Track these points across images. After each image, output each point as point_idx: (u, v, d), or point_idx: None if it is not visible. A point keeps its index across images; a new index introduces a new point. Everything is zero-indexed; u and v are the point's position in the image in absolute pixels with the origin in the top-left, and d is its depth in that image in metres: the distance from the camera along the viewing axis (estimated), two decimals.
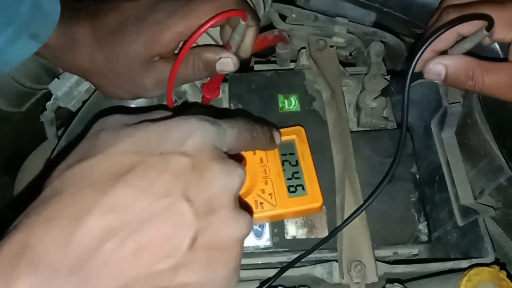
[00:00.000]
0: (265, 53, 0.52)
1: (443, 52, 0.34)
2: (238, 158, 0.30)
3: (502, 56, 0.37)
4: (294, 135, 0.38)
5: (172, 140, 0.23)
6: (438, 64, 0.32)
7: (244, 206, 0.25)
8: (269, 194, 0.35)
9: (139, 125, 0.24)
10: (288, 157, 0.37)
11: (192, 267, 0.21)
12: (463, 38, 0.33)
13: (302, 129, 0.38)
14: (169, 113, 0.27)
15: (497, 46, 0.37)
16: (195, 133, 0.23)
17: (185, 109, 0.30)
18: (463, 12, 0.32)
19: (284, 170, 0.36)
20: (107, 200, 0.20)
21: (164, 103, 0.42)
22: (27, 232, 0.20)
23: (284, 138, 0.37)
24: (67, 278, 0.19)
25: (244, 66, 0.46)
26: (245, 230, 0.24)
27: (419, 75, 0.35)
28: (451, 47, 0.33)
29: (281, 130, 0.38)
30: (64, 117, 0.47)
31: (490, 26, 0.30)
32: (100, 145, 0.23)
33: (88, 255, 0.19)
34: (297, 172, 0.36)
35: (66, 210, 0.20)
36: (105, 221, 0.20)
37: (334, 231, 0.35)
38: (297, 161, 0.37)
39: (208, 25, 0.32)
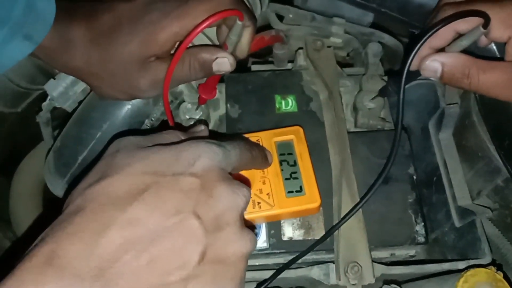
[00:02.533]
0: (262, 54, 0.52)
1: (441, 50, 0.34)
2: (244, 180, 0.32)
3: (498, 56, 0.37)
4: (292, 135, 0.37)
5: (183, 162, 0.25)
6: (434, 62, 0.33)
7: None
8: (267, 194, 0.35)
9: (152, 148, 0.26)
10: (286, 157, 0.37)
11: (201, 280, 0.23)
12: (460, 35, 0.33)
13: (301, 129, 0.38)
14: (180, 136, 0.29)
15: (494, 47, 0.37)
16: (203, 155, 0.26)
17: (195, 129, 0.33)
18: (460, 9, 0.32)
19: (282, 170, 0.36)
20: (125, 216, 0.22)
21: (161, 103, 0.42)
22: (54, 244, 0.21)
23: (282, 138, 0.37)
24: (90, 286, 0.21)
25: (241, 66, 0.46)
26: (250, 247, 0.25)
27: (417, 74, 0.35)
28: (448, 45, 0.33)
29: (280, 130, 0.38)
30: (60, 117, 0.46)
31: (486, 23, 0.30)
32: (117, 165, 0.25)
33: (108, 265, 0.21)
34: (295, 172, 0.36)
35: (88, 224, 0.22)
36: (123, 235, 0.22)
37: (329, 231, 0.35)
38: (295, 161, 0.36)
39: (204, 25, 0.32)
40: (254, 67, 0.47)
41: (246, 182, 0.29)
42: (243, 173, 0.34)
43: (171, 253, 0.23)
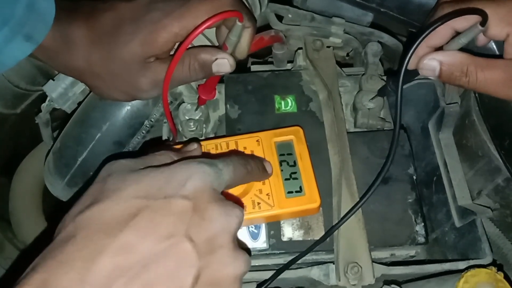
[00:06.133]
0: (262, 54, 0.52)
1: (439, 49, 0.34)
2: (235, 200, 0.32)
3: (497, 53, 0.37)
4: (292, 136, 0.37)
5: (174, 184, 0.25)
6: (432, 60, 0.32)
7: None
8: (267, 194, 0.35)
9: (143, 170, 0.26)
10: (286, 157, 0.37)
11: None
12: (458, 34, 0.33)
13: (301, 130, 0.38)
14: (172, 157, 0.29)
15: (494, 46, 0.37)
16: (194, 176, 0.25)
17: (187, 148, 0.33)
18: (458, 7, 0.32)
19: (282, 171, 0.36)
20: (117, 242, 0.22)
21: (160, 104, 0.42)
22: (45, 273, 0.21)
23: (282, 138, 0.37)
24: None
25: (241, 66, 0.46)
26: (243, 268, 0.25)
27: (415, 73, 0.35)
28: (446, 43, 0.33)
29: (279, 130, 0.38)
30: (60, 118, 0.46)
31: (484, 21, 0.30)
32: (109, 190, 0.25)
33: None
34: (295, 173, 0.36)
35: (79, 252, 0.22)
36: (115, 262, 0.22)
37: (328, 231, 0.35)
38: (295, 162, 0.36)
39: (204, 26, 0.32)
40: (254, 68, 0.47)
41: (238, 202, 0.29)
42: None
43: (164, 278, 0.22)
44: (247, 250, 0.27)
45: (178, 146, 0.34)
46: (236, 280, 0.25)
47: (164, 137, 0.41)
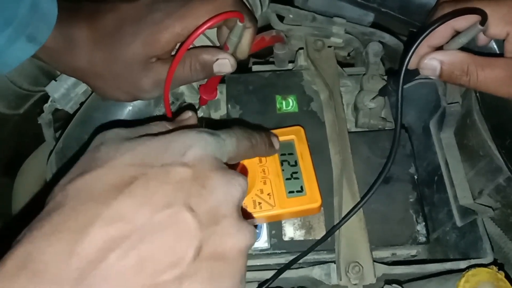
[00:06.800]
0: (263, 54, 0.52)
1: (439, 48, 0.34)
2: (241, 169, 0.31)
3: (498, 52, 0.37)
4: (293, 135, 0.38)
5: (173, 152, 0.23)
6: (433, 60, 0.33)
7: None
8: (268, 194, 0.35)
9: (139, 138, 0.24)
10: (287, 157, 0.37)
11: (197, 278, 0.21)
12: (458, 33, 0.33)
13: (302, 129, 0.38)
14: (167, 127, 0.27)
15: (494, 45, 0.37)
16: (195, 144, 0.24)
17: (182, 117, 0.31)
18: (457, 7, 0.32)
19: (283, 170, 0.36)
20: (110, 211, 0.20)
21: (162, 105, 0.42)
22: (30, 245, 0.19)
23: (283, 138, 0.37)
24: None
25: (242, 67, 0.46)
26: (249, 240, 0.23)
27: (416, 73, 0.35)
28: (446, 43, 0.33)
29: (281, 130, 0.38)
30: (62, 119, 0.47)
31: (484, 20, 0.30)
32: (101, 159, 0.23)
33: (91, 267, 0.19)
34: (296, 173, 0.36)
35: (68, 223, 0.20)
36: (108, 232, 0.20)
37: (330, 231, 0.35)
38: (296, 161, 0.36)
39: (205, 26, 0.32)
40: (255, 68, 0.47)
41: (243, 171, 0.27)
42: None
43: (162, 250, 0.20)
44: (252, 223, 0.25)
45: None
46: (241, 253, 0.23)
47: None
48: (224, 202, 0.23)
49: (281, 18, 0.47)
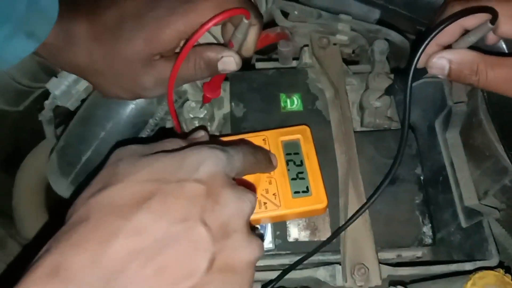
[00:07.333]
0: (267, 50, 0.51)
1: (448, 47, 0.33)
2: (249, 185, 0.32)
3: (507, 51, 0.36)
4: (299, 135, 0.37)
5: (187, 168, 0.25)
6: (441, 59, 0.32)
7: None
8: (273, 194, 0.34)
9: (155, 155, 0.26)
10: (293, 156, 0.36)
11: None
12: (468, 32, 0.32)
13: (308, 129, 0.37)
14: (181, 144, 0.29)
15: (503, 44, 0.37)
16: (207, 161, 0.25)
17: (195, 135, 0.33)
18: (467, 5, 0.31)
19: (288, 170, 0.35)
20: (130, 224, 0.22)
21: (165, 103, 0.41)
22: (59, 255, 0.21)
23: (289, 137, 0.37)
24: None
25: (246, 64, 0.45)
26: (257, 253, 0.25)
27: (423, 72, 0.34)
28: (455, 41, 0.33)
29: (287, 129, 0.37)
30: (63, 115, 0.46)
31: (494, 19, 0.30)
32: (120, 174, 0.25)
33: (114, 276, 0.21)
34: (301, 172, 0.36)
35: (93, 234, 0.22)
36: (129, 244, 0.22)
37: (335, 233, 0.35)
38: (301, 161, 0.36)
39: (210, 23, 0.32)
40: (258, 65, 0.47)
41: (250, 187, 0.29)
42: (249, 176, 0.33)
43: (178, 261, 0.22)
44: (259, 236, 0.28)
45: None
46: (250, 265, 0.25)
47: None
48: (235, 217, 0.25)
49: (285, 14, 0.46)
